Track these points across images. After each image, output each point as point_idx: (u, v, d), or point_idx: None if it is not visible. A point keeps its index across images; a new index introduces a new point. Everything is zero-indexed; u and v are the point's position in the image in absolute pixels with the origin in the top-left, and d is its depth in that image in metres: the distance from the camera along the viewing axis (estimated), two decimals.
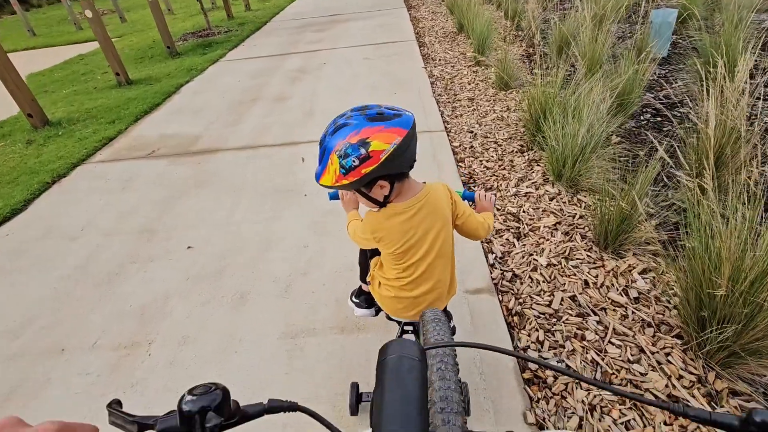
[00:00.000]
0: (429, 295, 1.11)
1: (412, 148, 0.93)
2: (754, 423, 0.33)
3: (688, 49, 4.39)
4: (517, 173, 2.67)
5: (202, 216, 2.58)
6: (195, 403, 0.35)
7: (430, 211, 1.04)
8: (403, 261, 1.08)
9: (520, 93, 3.82)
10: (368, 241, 1.09)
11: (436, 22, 6.77)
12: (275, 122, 3.78)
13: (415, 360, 0.35)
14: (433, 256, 1.07)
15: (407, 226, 1.03)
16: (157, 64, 6.49)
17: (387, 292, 1.15)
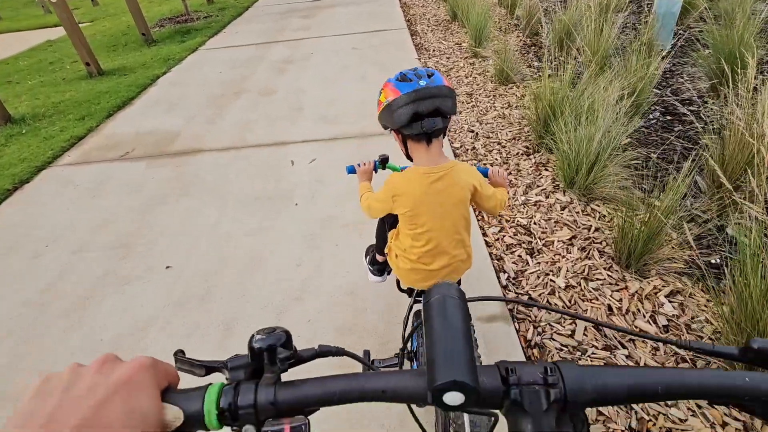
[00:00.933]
0: (445, 269, 1.15)
1: (401, 112, 0.98)
2: (752, 350, 0.37)
3: (691, 41, 4.24)
4: (524, 179, 2.50)
5: (183, 228, 2.35)
6: (264, 341, 0.38)
7: (450, 185, 1.06)
8: (414, 226, 1.10)
9: (521, 88, 3.63)
10: (385, 201, 1.11)
11: (427, 9, 6.48)
12: (260, 119, 3.52)
13: (456, 299, 0.37)
14: (445, 229, 1.10)
15: (424, 189, 1.06)
16: (132, 52, 6.07)
17: (404, 264, 1.19)
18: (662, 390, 0.35)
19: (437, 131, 1.02)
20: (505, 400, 0.35)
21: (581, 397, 0.34)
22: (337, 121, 3.35)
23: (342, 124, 3.29)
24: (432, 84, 0.98)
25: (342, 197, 2.45)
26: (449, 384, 0.32)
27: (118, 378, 0.32)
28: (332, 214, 2.33)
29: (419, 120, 0.99)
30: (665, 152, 2.66)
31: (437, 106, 0.98)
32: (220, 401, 0.35)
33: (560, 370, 0.35)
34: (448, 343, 0.34)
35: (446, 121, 1.03)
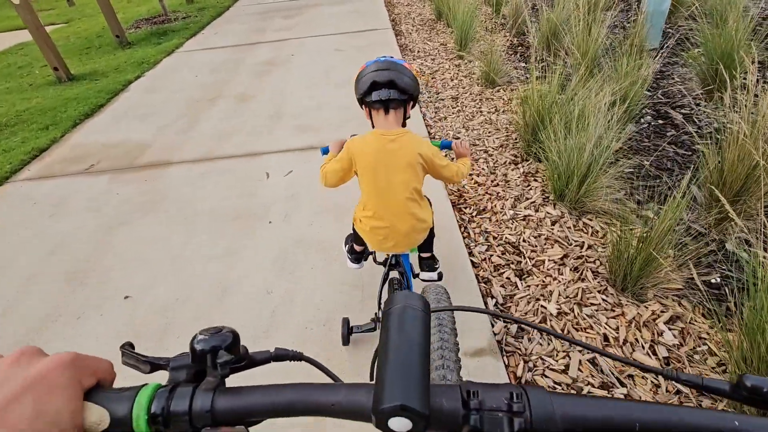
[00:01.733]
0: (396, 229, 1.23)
1: (364, 81, 1.16)
2: (745, 387, 0.34)
3: (681, 40, 4.14)
4: (512, 190, 2.36)
5: (145, 252, 2.17)
6: (207, 342, 0.36)
7: (401, 146, 1.16)
8: (362, 182, 1.21)
9: (509, 91, 3.49)
10: (343, 161, 1.20)
11: (412, 8, 6.32)
12: (237, 127, 3.33)
13: (419, 311, 0.35)
14: (385, 187, 1.18)
15: (379, 147, 1.17)
16: (105, 55, 5.83)
17: (364, 225, 1.28)
18: (640, 427, 0.32)
19: (393, 102, 1.17)
20: (464, 425, 0.32)
21: (549, 429, 0.31)
22: (317, 128, 3.18)
23: (322, 132, 3.12)
24: (391, 60, 1.16)
25: (318, 214, 2.29)
26: (395, 408, 0.29)
27: (33, 375, 0.29)
28: (307, 234, 2.17)
29: (377, 87, 1.15)
30: (659, 159, 2.54)
31: (392, 78, 1.13)
32: (151, 405, 0.33)
33: (528, 396, 0.32)
34: (401, 360, 0.32)
35: (402, 95, 1.16)
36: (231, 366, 0.37)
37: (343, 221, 2.21)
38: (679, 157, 2.54)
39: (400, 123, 1.23)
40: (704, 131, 2.73)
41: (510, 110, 3.20)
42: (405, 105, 1.22)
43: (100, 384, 0.34)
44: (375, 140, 1.18)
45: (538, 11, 5.20)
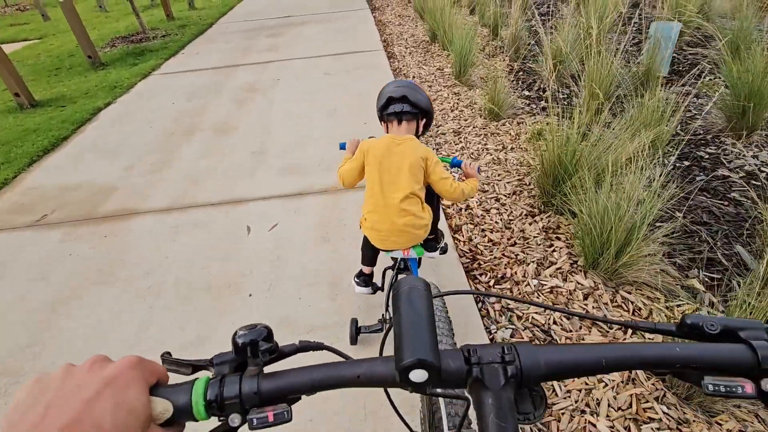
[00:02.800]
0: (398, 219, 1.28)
1: (383, 95, 1.36)
2: (686, 325, 0.42)
3: (691, 66, 3.93)
4: (533, 251, 2.04)
5: (92, 342, 1.78)
6: (247, 336, 0.40)
7: (406, 149, 1.29)
8: (372, 175, 1.31)
9: (515, 124, 3.20)
10: (357, 160, 1.35)
11: (404, 28, 6.07)
12: (214, 167, 2.97)
13: (422, 290, 0.41)
14: (386, 182, 1.28)
15: (388, 146, 1.30)
16: (76, 77, 5.41)
17: (368, 224, 1.35)
18: (606, 363, 0.39)
19: (406, 114, 1.32)
20: (468, 378, 0.38)
21: (535, 373, 0.38)
22: (305, 170, 2.84)
23: (310, 175, 2.78)
24: (409, 81, 1.35)
25: (309, 285, 1.93)
26: (414, 362, 0.35)
27: (108, 375, 0.34)
28: (295, 312, 1.81)
29: (392, 102, 1.32)
30: (692, 210, 2.25)
31: (405, 94, 1.30)
32: (207, 393, 0.37)
33: (516, 350, 0.39)
34: (413, 327, 0.37)
35: (414, 109, 1.32)
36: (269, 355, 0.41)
37: (338, 297, 1.86)
38: (715, 208, 2.26)
39: (412, 134, 1.36)
40: (736, 175, 2.47)
41: (519, 147, 2.91)
42: (417, 120, 1.37)
43: (159, 383, 0.38)
44: (385, 141, 1.32)
45: (538, 32, 4.98)
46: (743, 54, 3.34)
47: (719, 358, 0.38)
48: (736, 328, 0.40)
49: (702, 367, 0.38)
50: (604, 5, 4.17)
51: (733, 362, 0.38)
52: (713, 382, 0.38)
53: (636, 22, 4.92)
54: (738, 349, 0.38)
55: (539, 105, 3.49)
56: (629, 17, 4.85)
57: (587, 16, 3.97)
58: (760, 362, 0.37)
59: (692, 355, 0.38)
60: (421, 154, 1.28)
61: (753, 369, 0.37)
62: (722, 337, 0.40)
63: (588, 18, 3.86)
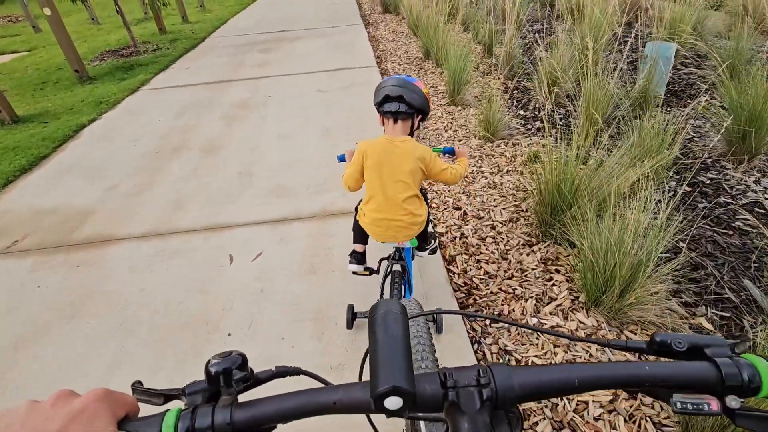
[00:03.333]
0: (394, 221, 1.40)
1: (379, 93, 1.38)
2: (656, 343, 0.43)
3: (687, 86, 3.90)
4: (532, 286, 1.93)
5: (59, 382, 1.63)
6: (220, 365, 0.39)
7: (404, 151, 1.36)
8: (367, 178, 1.40)
9: (510, 146, 3.12)
10: (356, 163, 1.41)
11: (398, 44, 6.03)
12: (199, 189, 2.85)
13: (398, 314, 0.41)
14: (386, 183, 1.37)
15: (385, 147, 1.37)
16: (62, 92, 5.29)
17: (367, 218, 1.46)
18: (579, 383, 0.39)
19: (402, 114, 1.36)
20: (444, 401, 0.38)
21: (510, 395, 0.38)
22: (294, 193, 2.73)
23: (299, 199, 2.66)
24: (405, 78, 1.37)
25: (293, 323, 1.80)
26: (388, 389, 0.35)
27: (73, 410, 0.33)
28: (277, 354, 1.68)
29: (389, 101, 1.36)
30: (695, 240, 2.16)
31: (402, 94, 1.34)
32: (177, 426, 0.36)
33: (492, 372, 0.39)
34: (388, 353, 0.37)
35: (410, 109, 1.36)
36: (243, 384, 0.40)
37: (324, 336, 1.73)
38: (719, 238, 2.17)
39: (407, 132, 1.43)
40: (739, 202, 2.39)
41: (515, 170, 2.82)
42: (413, 117, 1.42)
43: (128, 416, 0.37)
44: (382, 142, 1.38)
45: (532, 50, 4.95)
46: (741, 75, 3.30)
47: (686, 377, 0.39)
48: (702, 345, 0.41)
49: (670, 385, 0.39)
50: (599, 24, 4.16)
51: (699, 380, 0.39)
52: (681, 399, 0.39)
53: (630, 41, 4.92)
54: (704, 367, 0.39)
55: (535, 125, 3.42)
56: (624, 37, 4.84)
57: (582, 35, 3.95)
58: (724, 380, 0.38)
59: (661, 373, 0.40)
60: (418, 157, 1.37)
61: (718, 386, 0.38)
62: (689, 354, 0.42)
63: (583, 37, 3.83)
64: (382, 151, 1.36)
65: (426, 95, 1.40)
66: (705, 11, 5.17)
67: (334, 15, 8.26)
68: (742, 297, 1.82)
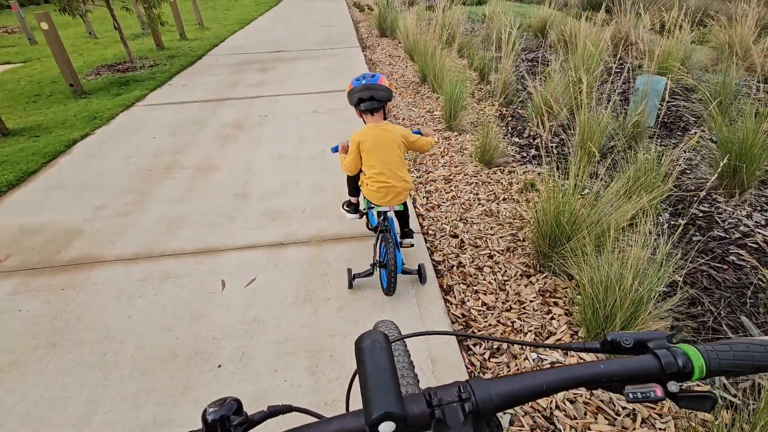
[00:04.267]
0: (394, 187, 1.83)
1: (353, 97, 1.81)
2: (608, 342, 0.48)
3: (676, 118, 4.00)
4: (531, 319, 1.90)
5: (34, 421, 1.54)
6: (217, 412, 0.42)
7: (389, 132, 1.82)
8: (369, 158, 1.82)
9: (506, 173, 3.14)
10: (353, 152, 1.85)
11: (395, 68, 6.13)
12: (192, 210, 2.80)
13: (383, 343, 0.43)
14: (385, 158, 1.81)
15: (376, 133, 1.81)
16: (55, 105, 5.24)
17: (371, 187, 1.85)
18: (546, 387, 0.44)
19: (375, 108, 1.82)
20: (432, 419, 0.41)
21: (489, 405, 0.41)
22: (289, 216, 2.69)
23: (294, 222, 2.63)
24: (369, 82, 1.78)
25: (286, 355, 1.74)
26: (382, 416, 0.37)
27: None
28: (270, 389, 1.62)
29: (362, 102, 1.80)
30: (691, 274, 2.17)
31: (371, 95, 1.78)
32: None
33: (471, 387, 0.42)
34: (378, 381, 0.40)
35: (381, 103, 1.81)
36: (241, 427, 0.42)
37: (318, 371, 1.67)
38: (713, 271, 2.18)
39: (383, 118, 1.87)
40: (732, 236, 2.41)
41: (511, 198, 2.83)
42: (383, 107, 1.84)
43: None
44: (372, 130, 1.81)
45: (526, 79, 5.06)
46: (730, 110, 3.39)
47: (634, 370, 0.45)
48: (645, 340, 0.47)
49: (622, 379, 0.45)
50: (590, 56, 4.27)
51: (645, 371, 0.44)
52: (632, 390, 0.43)
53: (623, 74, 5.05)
54: (647, 359, 0.45)
55: (530, 153, 3.46)
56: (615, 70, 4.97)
57: (575, 66, 4.04)
58: (664, 368, 0.43)
59: (613, 370, 0.45)
60: (401, 134, 1.86)
61: (660, 375, 0.44)
62: (636, 349, 0.47)
63: (576, 68, 3.92)
64: (374, 136, 1.81)
65: (388, 86, 1.82)
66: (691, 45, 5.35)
67: (331, 37, 8.39)
68: (740, 333, 1.82)
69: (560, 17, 7.20)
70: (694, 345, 0.45)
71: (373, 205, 1.92)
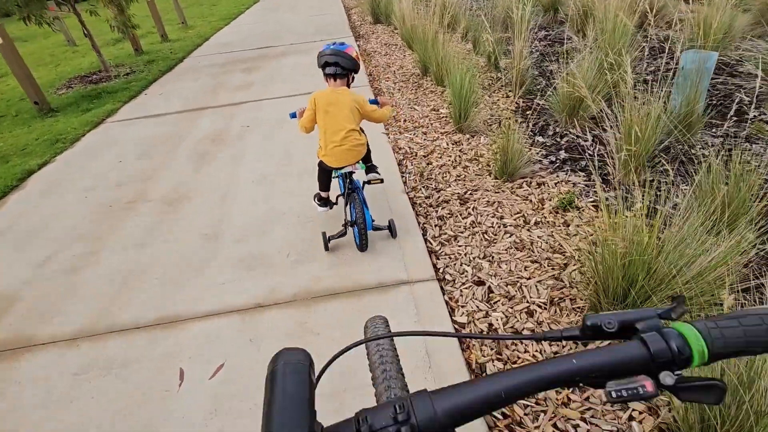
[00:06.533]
0: (342, 145, 1.92)
1: (320, 60, 1.95)
2: (588, 327, 0.40)
3: (723, 98, 3.36)
4: (601, 423, 1.36)
5: None
6: None
7: (343, 95, 1.93)
8: (320, 118, 1.93)
9: (534, 186, 2.56)
10: (309, 109, 1.97)
11: (392, 59, 5.50)
12: (152, 261, 2.28)
13: (300, 364, 0.37)
14: (335, 119, 1.91)
15: (330, 94, 1.93)
16: (19, 127, 4.74)
17: (323, 151, 1.96)
18: (506, 394, 0.36)
19: (339, 75, 1.94)
20: None
21: (434, 426, 0.35)
22: (269, 264, 2.16)
23: (276, 272, 2.10)
24: (337, 48, 1.91)
25: None
26: None
27: None
28: None
29: (328, 65, 1.92)
30: None
31: (337, 60, 1.90)
32: None
33: (411, 404, 0.36)
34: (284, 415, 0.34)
35: (344, 71, 1.93)
36: None
37: None
38: None
39: (345, 85, 2.00)
40: None
41: (545, 221, 2.26)
42: (347, 76, 1.99)
43: None
44: (328, 92, 1.95)
45: (542, 63, 4.42)
46: None
47: (615, 361, 0.37)
48: (632, 321, 0.39)
49: (602, 374, 0.37)
50: (623, 31, 3.62)
51: (630, 362, 0.36)
52: (615, 387, 0.36)
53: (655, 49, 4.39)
54: (632, 347, 0.37)
55: (558, 156, 2.87)
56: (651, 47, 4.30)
57: (607, 44, 3.40)
58: (653, 357, 0.36)
59: (589, 363, 0.37)
60: (354, 99, 1.95)
61: (648, 364, 0.36)
62: (621, 333, 0.40)
63: (609, 46, 3.29)
64: (327, 98, 1.92)
65: (356, 58, 1.94)
66: (731, 12, 4.65)
67: (322, 27, 7.75)
68: None
69: None
70: (692, 322, 0.37)
71: (333, 168, 2.00)
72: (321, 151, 1.98)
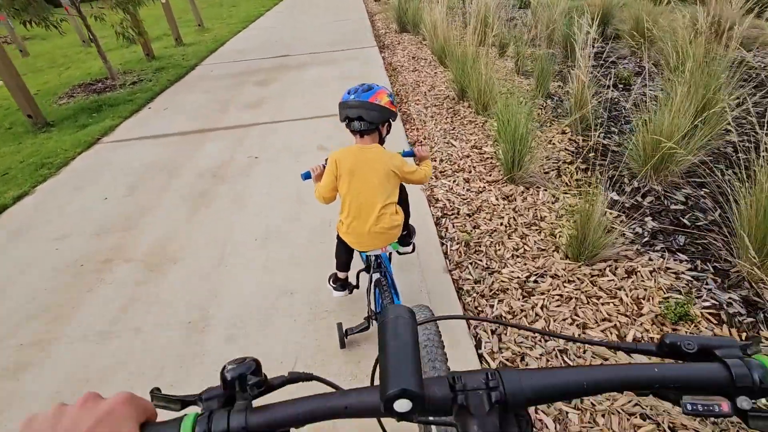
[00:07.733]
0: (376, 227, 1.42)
1: (341, 114, 1.41)
2: (666, 345, 0.41)
3: None
4: None
5: None
6: (235, 370, 0.40)
7: (374, 158, 1.40)
8: (343, 187, 1.42)
9: (620, 275, 1.93)
10: (329, 173, 1.42)
11: (421, 75, 4.89)
12: (116, 362, 1.73)
13: (407, 318, 0.40)
14: (362, 190, 1.40)
15: (357, 155, 1.40)
16: (7, 144, 4.29)
17: (345, 228, 1.47)
18: (587, 386, 0.38)
19: (365, 130, 1.40)
20: (453, 405, 0.38)
21: (519, 398, 0.37)
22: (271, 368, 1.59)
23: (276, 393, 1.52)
24: (358, 98, 1.37)
25: None
26: (398, 392, 0.34)
27: (101, 411, 0.34)
28: None
29: (351, 121, 1.40)
30: None
31: (360, 114, 1.37)
32: (195, 430, 0.36)
33: (500, 376, 0.38)
34: (398, 357, 0.37)
35: (372, 125, 1.39)
36: (257, 389, 0.40)
37: None
38: None
39: (375, 141, 1.46)
40: None
41: (644, 331, 1.63)
42: (378, 129, 1.44)
43: (148, 420, 0.38)
44: (355, 150, 1.42)
45: (601, 92, 3.76)
46: None
47: (696, 378, 0.38)
48: (712, 346, 0.40)
49: (680, 387, 0.38)
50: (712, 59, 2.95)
51: (709, 381, 0.38)
52: (691, 401, 0.37)
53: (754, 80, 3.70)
54: (714, 368, 0.38)
55: (646, 226, 2.23)
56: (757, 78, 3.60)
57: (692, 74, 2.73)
58: (734, 380, 0.37)
59: (670, 375, 0.38)
60: (391, 161, 1.42)
61: (728, 387, 0.37)
62: (699, 355, 0.40)
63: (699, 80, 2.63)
64: (354, 157, 1.41)
65: (388, 104, 1.39)
66: None
67: (344, 35, 7.20)
68: None
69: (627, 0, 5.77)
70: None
71: None
72: (342, 227, 1.49)
